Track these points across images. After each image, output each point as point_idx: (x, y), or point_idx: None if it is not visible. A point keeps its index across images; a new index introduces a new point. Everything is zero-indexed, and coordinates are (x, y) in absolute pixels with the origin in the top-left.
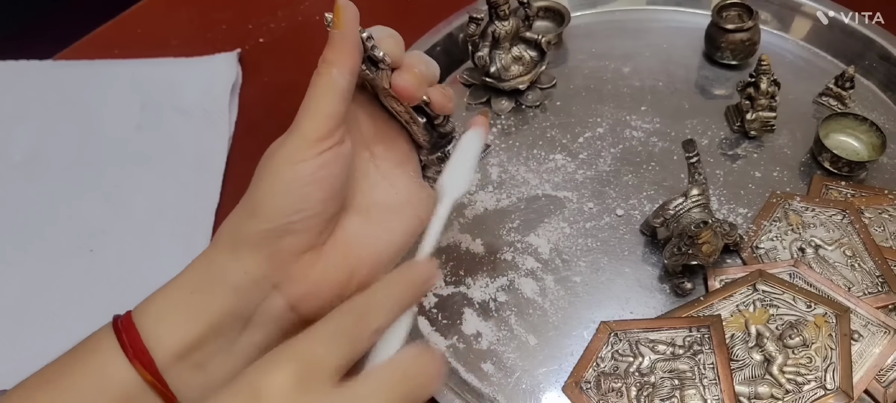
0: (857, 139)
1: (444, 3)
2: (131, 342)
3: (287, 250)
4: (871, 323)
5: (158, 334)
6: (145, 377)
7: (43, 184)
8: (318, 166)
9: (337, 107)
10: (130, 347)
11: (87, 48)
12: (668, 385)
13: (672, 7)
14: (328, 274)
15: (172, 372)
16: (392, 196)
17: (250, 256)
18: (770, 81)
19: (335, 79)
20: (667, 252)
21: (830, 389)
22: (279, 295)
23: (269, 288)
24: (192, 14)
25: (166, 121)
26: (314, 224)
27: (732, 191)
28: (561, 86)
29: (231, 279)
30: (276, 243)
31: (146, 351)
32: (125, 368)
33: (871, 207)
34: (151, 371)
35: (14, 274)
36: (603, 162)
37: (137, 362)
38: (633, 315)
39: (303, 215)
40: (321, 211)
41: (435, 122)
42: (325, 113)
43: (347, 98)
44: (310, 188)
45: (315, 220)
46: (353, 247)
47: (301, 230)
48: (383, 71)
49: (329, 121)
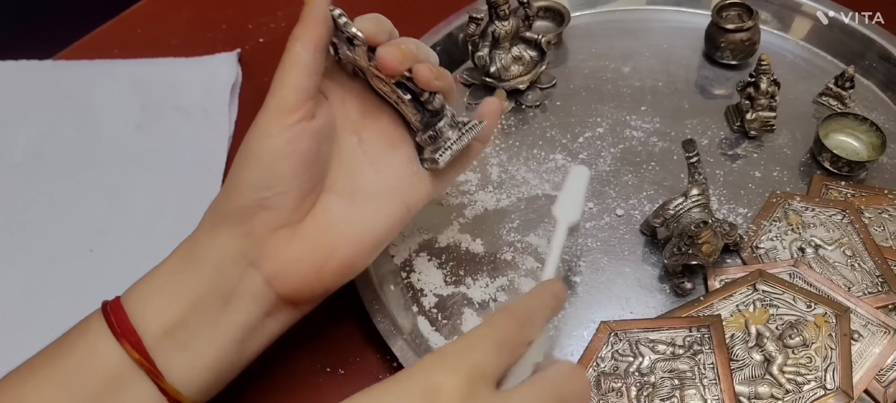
0: (857, 139)
1: (444, 3)
2: (119, 322)
3: (261, 226)
4: (871, 322)
5: (144, 314)
6: (133, 355)
7: (43, 184)
8: (287, 140)
9: (302, 81)
10: (118, 327)
11: (87, 48)
12: (668, 385)
13: (672, 7)
14: (305, 252)
15: (159, 351)
16: (378, 182)
17: (226, 234)
18: (770, 81)
19: (299, 54)
20: (667, 252)
21: (830, 389)
22: (256, 273)
23: (246, 265)
24: (192, 14)
25: (166, 121)
26: (286, 200)
27: (732, 190)
28: (561, 86)
29: (210, 257)
30: (250, 220)
31: (133, 331)
32: (114, 348)
33: (871, 207)
34: (139, 350)
35: (14, 274)
36: (603, 162)
37: (125, 341)
38: (633, 315)
39: (274, 190)
40: (292, 187)
41: (421, 99)
42: (290, 87)
43: (314, 72)
44: (279, 163)
45: (287, 196)
46: (332, 228)
47: (274, 206)
48: (359, 47)
49: (294, 95)
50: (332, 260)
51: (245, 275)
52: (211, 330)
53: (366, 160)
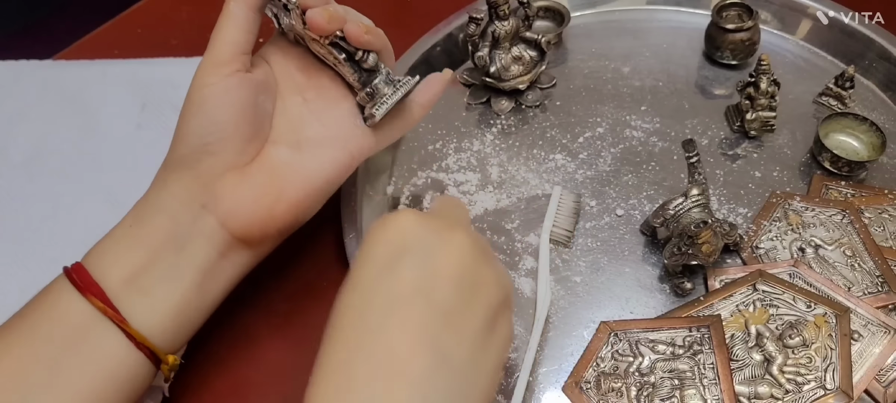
0: (857, 139)
1: (444, 3)
2: (81, 279)
3: (208, 171)
4: (871, 322)
5: (105, 268)
6: (97, 305)
7: (43, 184)
8: (224, 90)
9: (235, 36)
10: (81, 283)
11: (87, 48)
12: (668, 385)
13: (672, 7)
14: (254, 192)
15: (122, 300)
16: (321, 132)
17: (177, 181)
18: (770, 81)
19: (232, 10)
20: (667, 252)
21: (830, 389)
22: (208, 214)
23: (198, 208)
24: (192, 14)
25: (166, 121)
26: (230, 145)
27: (732, 190)
28: (561, 86)
29: (162, 205)
30: (196, 165)
31: (95, 283)
32: (78, 302)
33: (871, 207)
34: (102, 299)
35: (14, 274)
36: (603, 162)
37: (89, 293)
38: (633, 315)
39: (216, 136)
40: (234, 133)
41: (355, 58)
42: (224, 41)
43: (247, 29)
44: (218, 111)
45: (230, 142)
46: (280, 170)
47: (218, 151)
48: (293, 12)
49: (228, 48)
50: (281, 201)
51: (198, 218)
52: (170, 274)
53: (311, 116)
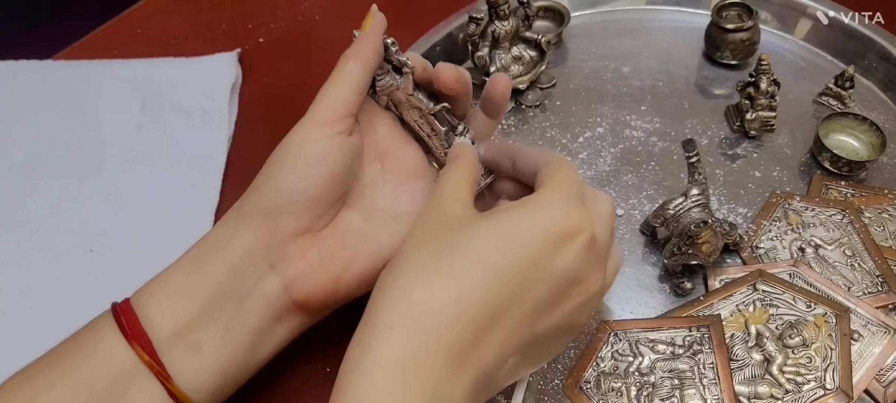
0: (857, 139)
1: (444, 3)
2: (129, 324)
3: (285, 229)
4: (871, 322)
5: (155, 315)
6: (143, 357)
7: (43, 184)
8: (325, 150)
9: (347, 97)
10: (128, 328)
11: (87, 48)
12: (668, 384)
13: (672, 7)
14: (323, 260)
15: (169, 353)
16: (395, 205)
17: (249, 233)
18: (770, 81)
19: (350, 71)
20: (667, 252)
21: (830, 389)
22: (274, 275)
23: (266, 267)
24: (191, 14)
25: (166, 121)
26: (314, 207)
27: (732, 190)
28: (561, 86)
29: (228, 256)
30: (274, 221)
31: (144, 333)
32: (123, 349)
33: (871, 207)
34: (149, 351)
35: (14, 274)
36: (603, 162)
37: (135, 343)
38: (633, 315)
39: (304, 195)
40: (322, 194)
41: (456, 132)
42: (335, 100)
43: (359, 91)
44: (313, 169)
45: (315, 203)
46: (351, 239)
47: (300, 211)
48: (406, 75)
49: (338, 108)
50: (348, 271)
51: (263, 278)
52: (223, 332)
53: (386, 187)
